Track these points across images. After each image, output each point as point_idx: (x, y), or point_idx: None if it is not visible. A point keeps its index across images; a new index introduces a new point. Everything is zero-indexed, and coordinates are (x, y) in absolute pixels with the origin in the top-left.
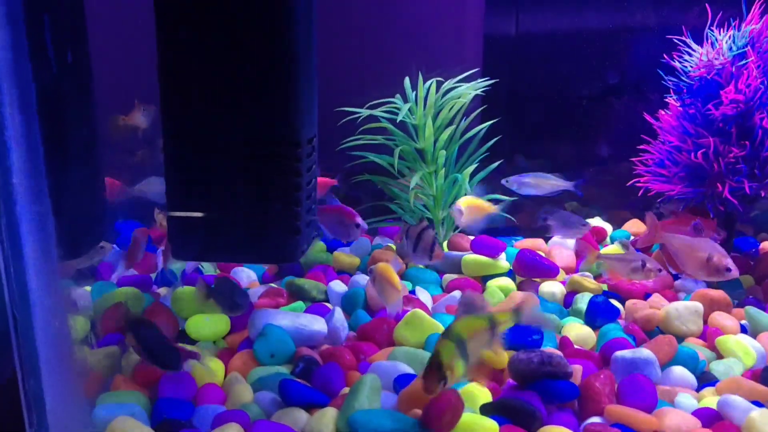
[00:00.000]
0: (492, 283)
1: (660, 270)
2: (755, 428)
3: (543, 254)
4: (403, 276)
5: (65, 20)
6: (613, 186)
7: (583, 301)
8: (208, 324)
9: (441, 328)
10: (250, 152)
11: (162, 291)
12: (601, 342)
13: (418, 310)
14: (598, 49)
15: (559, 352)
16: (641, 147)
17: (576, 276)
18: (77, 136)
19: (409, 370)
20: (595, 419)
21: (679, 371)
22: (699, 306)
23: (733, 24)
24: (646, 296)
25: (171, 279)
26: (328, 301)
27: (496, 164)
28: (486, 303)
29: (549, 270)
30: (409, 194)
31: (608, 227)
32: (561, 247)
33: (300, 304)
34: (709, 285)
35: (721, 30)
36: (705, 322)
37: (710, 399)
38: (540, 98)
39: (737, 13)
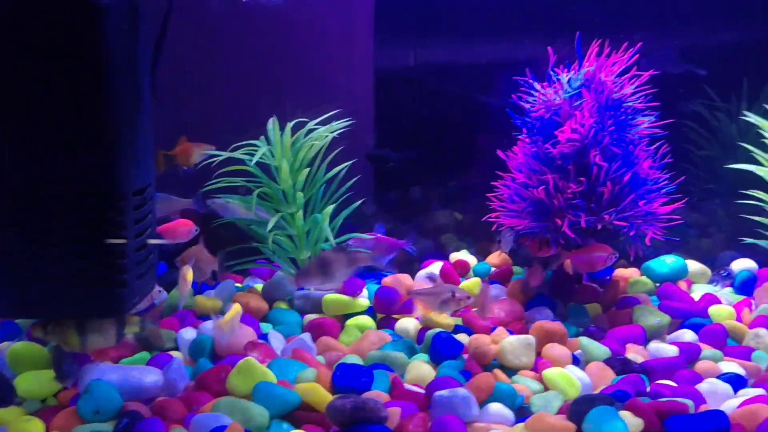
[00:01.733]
0: (351, 322)
1: (468, 297)
2: None
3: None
4: (265, 318)
5: None
6: (478, 219)
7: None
8: (37, 381)
9: (273, 377)
10: (72, 204)
11: (2, 345)
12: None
13: (250, 359)
14: (462, 86)
15: (376, 396)
16: (495, 183)
17: (425, 313)
18: None
19: (228, 422)
20: None
21: (496, 408)
22: (531, 339)
23: (570, 65)
24: (492, 329)
25: (16, 333)
26: (178, 348)
27: (358, 203)
28: None
29: (407, 306)
30: (268, 236)
31: (473, 260)
32: (425, 282)
33: (144, 354)
34: (558, 317)
35: (566, 70)
36: (539, 353)
37: None
38: (408, 134)
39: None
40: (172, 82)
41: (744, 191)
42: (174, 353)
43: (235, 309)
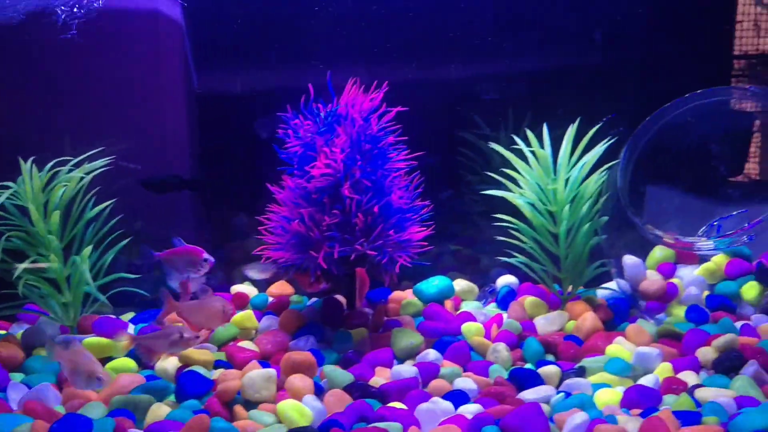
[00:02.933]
0: (110, 365)
1: (197, 337)
2: None
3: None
4: (19, 367)
5: None
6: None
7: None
8: None
9: None
10: None
11: None
12: None
13: None
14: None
15: None
16: (264, 217)
17: (192, 350)
18: None
19: None
20: None
21: None
22: (272, 372)
23: (325, 103)
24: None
25: None
26: None
27: (123, 243)
28: None
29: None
30: (19, 282)
31: (254, 291)
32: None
33: None
34: (322, 343)
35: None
36: (283, 386)
37: None
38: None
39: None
40: None
41: (497, 215)
42: None
43: None
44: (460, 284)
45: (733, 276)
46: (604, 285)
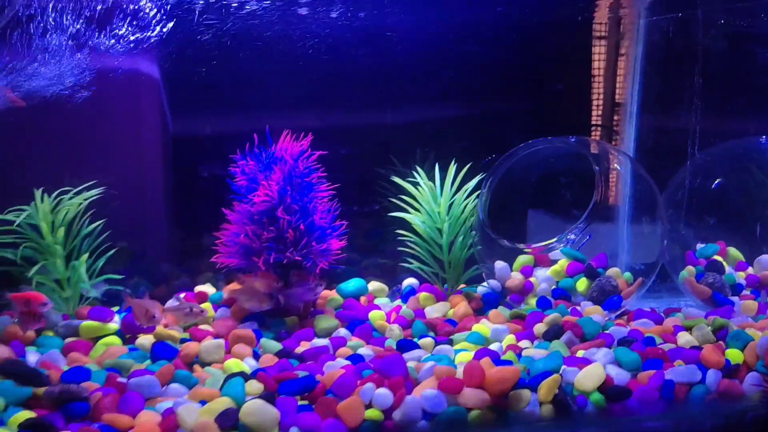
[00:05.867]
0: (101, 342)
1: (202, 311)
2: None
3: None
4: (33, 343)
5: None
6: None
7: None
8: None
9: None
10: None
11: None
12: None
13: None
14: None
15: (88, 386)
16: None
17: (160, 329)
18: None
19: None
20: (96, 424)
21: (174, 386)
22: (221, 342)
23: (265, 146)
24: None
25: None
26: None
27: (110, 252)
28: None
29: (147, 329)
30: (32, 281)
31: (212, 290)
32: (174, 302)
33: None
34: (261, 328)
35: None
36: (229, 351)
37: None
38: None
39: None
40: None
41: (400, 231)
42: None
43: None
44: (374, 285)
45: (571, 274)
46: (482, 283)
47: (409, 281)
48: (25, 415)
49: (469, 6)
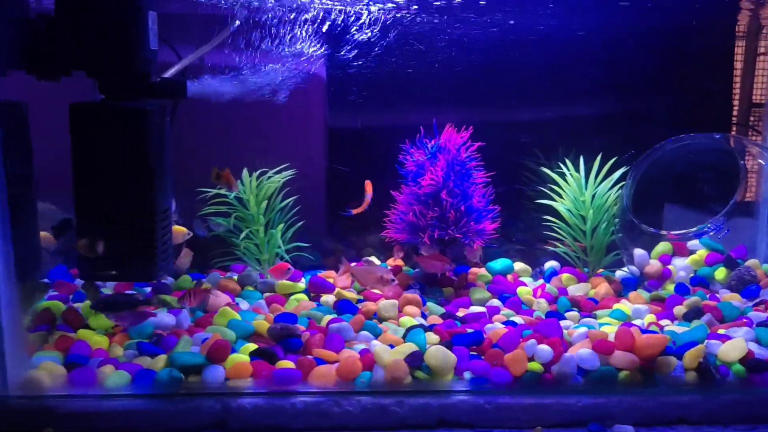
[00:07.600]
0: (293, 297)
1: (393, 279)
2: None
3: (330, 280)
4: (239, 295)
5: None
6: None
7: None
8: (99, 320)
9: (238, 317)
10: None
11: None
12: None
13: (227, 307)
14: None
15: (296, 328)
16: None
17: (339, 290)
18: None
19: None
20: (309, 356)
21: (364, 333)
22: (395, 302)
23: (430, 137)
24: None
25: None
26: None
27: (300, 223)
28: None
29: (327, 288)
30: (240, 244)
31: (378, 261)
32: (342, 277)
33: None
34: (423, 295)
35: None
36: (401, 311)
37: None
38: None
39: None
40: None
41: (547, 216)
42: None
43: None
44: (519, 265)
45: (710, 264)
46: (622, 268)
47: (551, 263)
48: (252, 346)
49: (621, 13)
